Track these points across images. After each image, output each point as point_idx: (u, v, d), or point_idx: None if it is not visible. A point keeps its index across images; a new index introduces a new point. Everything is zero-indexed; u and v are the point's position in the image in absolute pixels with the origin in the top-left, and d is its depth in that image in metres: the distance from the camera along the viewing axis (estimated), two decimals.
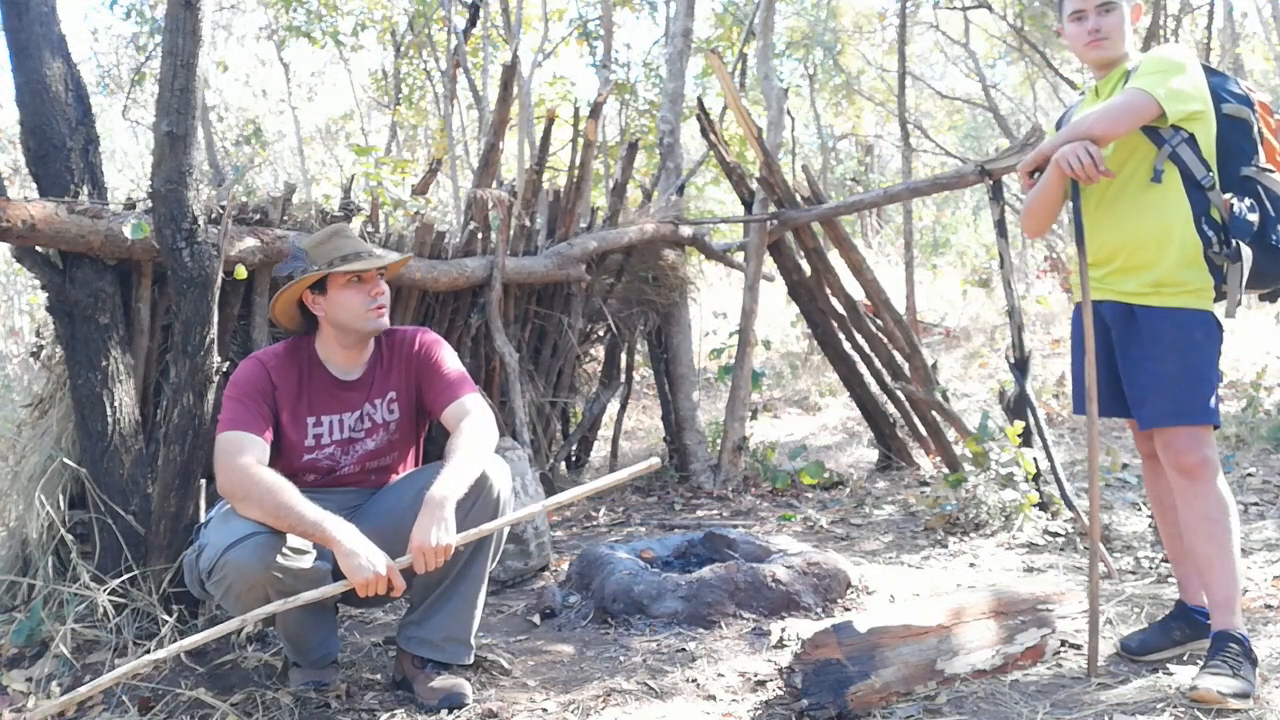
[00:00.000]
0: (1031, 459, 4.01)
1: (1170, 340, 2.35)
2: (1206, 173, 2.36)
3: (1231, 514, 2.35)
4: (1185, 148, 2.35)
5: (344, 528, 2.25)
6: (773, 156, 5.06)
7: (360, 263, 2.47)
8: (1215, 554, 2.33)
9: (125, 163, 14.41)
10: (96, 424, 2.83)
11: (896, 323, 5.16)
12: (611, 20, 9.93)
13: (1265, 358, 7.13)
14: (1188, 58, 2.36)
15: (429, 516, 2.26)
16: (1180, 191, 2.36)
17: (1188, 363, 2.34)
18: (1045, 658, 2.56)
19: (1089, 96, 2.57)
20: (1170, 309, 2.36)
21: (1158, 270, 2.36)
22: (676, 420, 5.40)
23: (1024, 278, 11.07)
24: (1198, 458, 2.34)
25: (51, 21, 2.85)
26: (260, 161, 13.33)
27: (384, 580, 2.21)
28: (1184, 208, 2.35)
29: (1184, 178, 2.36)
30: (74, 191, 2.80)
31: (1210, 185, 2.35)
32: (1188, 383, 2.33)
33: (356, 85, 15.73)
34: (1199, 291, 2.35)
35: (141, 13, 11.13)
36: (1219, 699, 2.17)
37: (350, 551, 2.20)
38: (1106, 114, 2.33)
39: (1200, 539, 2.35)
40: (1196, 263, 2.34)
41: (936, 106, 18.80)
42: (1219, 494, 2.34)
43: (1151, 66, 2.35)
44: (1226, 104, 2.41)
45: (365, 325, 2.50)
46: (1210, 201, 2.35)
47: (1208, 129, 2.37)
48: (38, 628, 2.80)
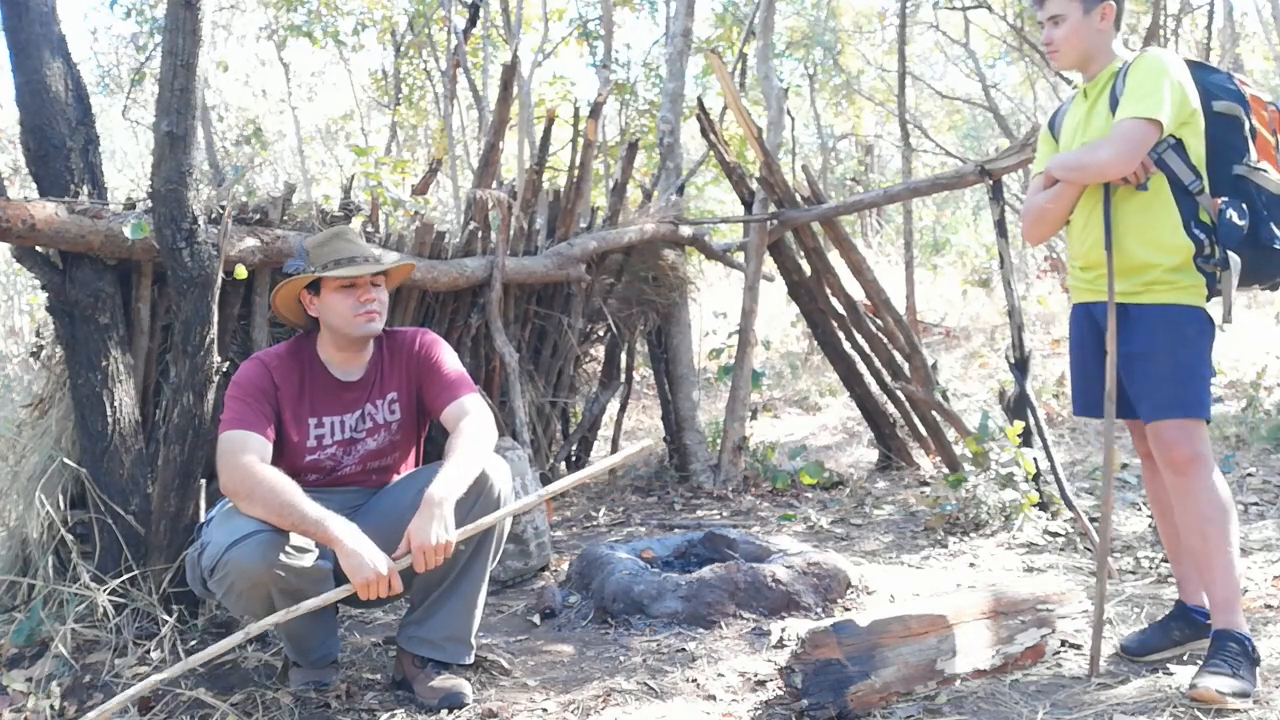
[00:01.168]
0: (1031, 459, 4.01)
1: (1162, 336, 2.36)
2: (1194, 179, 2.36)
3: (1229, 512, 2.34)
4: (1172, 154, 2.36)
5: (346, 527, 2.25)
6: (773, 156, 5.06)
7: (350, 268, 2.47)
8: (1213, 552, 2.32)
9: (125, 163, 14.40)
10: (96, 424, 2.83)
11: (896, 323, 5.16)
12: (611, 20, 9.93)
13: (1265, 358, 7.12)
14: (1170, 63, 2.35)
15: (428, 515, 2.26)
16: (1168, 198, 2.37)
17: (1179, 358, 2.35)
18: (1045, 658, 2.57)
19: (1078, 99, 2.57)
20: (1162, 305, 2.37)
21: (1148, 274, 2.38)
22: (676, 420, 5.40)
23: (1024, 278, 11.06)
24: (1189, 452, 2.34)
25: (51, 21, 2.85)
26: (260, 161, 13.32)
27: (385, 581, 2.21)
28: (1172, 214, 2.36)
29: (1171, 184, 2.37)
30: (74, 191, 2.80)
31: (1199, 190, 2.36)
32: (1179, 377, 2.35)
33: (356, 85, 15.74)
34: (1190, 288, 2.36)
35: (141, 12, 11.12)
36: (1218, 698, 2.18)
37: (352, 551, 2.20)
38: (1117, 158, 2.31)
39: (1196, 537, 2.35)
40: (1187, 265, 2.35)
41: (936, 106, 18.79)
42: (1214, 491, 2.34)
43: (1138, 85, 2.33)
44: (1218, 101, 2.39)
45: (353, 330, 2.51)
46: (1200, 205, 2.36)
47: (1196, 132, 2.36)
48: (38, 628, 2.80)
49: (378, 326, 2.54)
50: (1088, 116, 2.50)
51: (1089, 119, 2.49)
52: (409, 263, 2.75)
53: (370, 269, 2.49)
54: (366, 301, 2.49)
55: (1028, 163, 4.45)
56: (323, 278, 2.48)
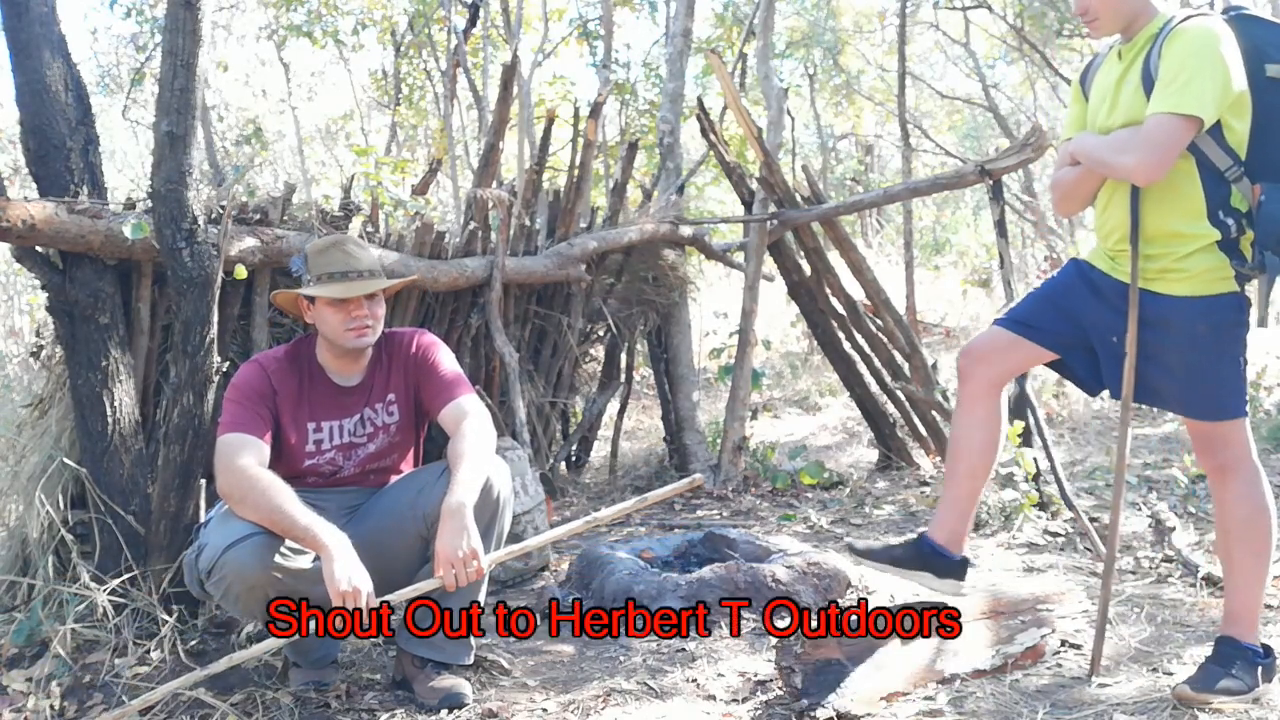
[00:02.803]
0: (1031, 459, 4.01)
1: (1177, 329, 2.23)
2: (1231, 163, 2.11)
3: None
4: (1205, 137, 2.10)
5: (334, 537, 2.23)
6: (773, 156, 5.06)
7: (338, 286, 2.45)
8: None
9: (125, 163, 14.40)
10: (96, 424, 2.83)
11: (896, 323, 5.15)
12: (611, 20, 9.92)
13: (1265, 358, 7.11)
14: (1218, 38, 2.05)
15: (452, 530, 2.25)
16: (1194, 181, 2.14)
17: (1188, 359, 2.25)
18: (1045, 658, 2.56)
19: (1112, 59, 2.29)
20: (1174, 297, 2.21)
21: (1163, 260, 2.21)
22: (676, 420, 5.40)
23: (1024, 278, 11.05)
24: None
25: (51, 21, 2.85)
26: (260, 161, 13.32)
27: (359, 594, 2.16)
28: (1196, 199, 2.14)
29: (1201, 166, 2.13)
30: (74, 191, 2.80)
31: (1236, 177, 2.11)
32: (1189, 377, 2.27)
33: (356, 85, 15.73)
34: (1204, 275, 2.17)
35: (141, 12, 11.12)
36: (1195, 697, 2.17)
37: (335, 560, 2.18)
38: (1144, 164, 2.07)
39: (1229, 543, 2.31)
40: (1209, 251, 2.14)
41: (936, 106, 18.79)
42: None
43: (1177, 70, 2.06)
44: (1272, 64, 2.09)
45: (344, 343, 2.51)
46: (1235, 190, 2.12)
47: (1241, 113, 2.11)
48: (38, 628, 2.80)
49: (369, 340, 2.52)
50: (1118, 84, 2.23)
51: (1119, 88, 2.23)
52: (397, 280, 2.74)
53: (357, 290, 2.46)
54: (358, 317, 2.48)
55: (1028, 163, 4.45)
56: (314, 290, 2.48)
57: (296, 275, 2.58)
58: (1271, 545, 2.26)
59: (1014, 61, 15.11)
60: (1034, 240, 13.22)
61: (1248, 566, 2.26)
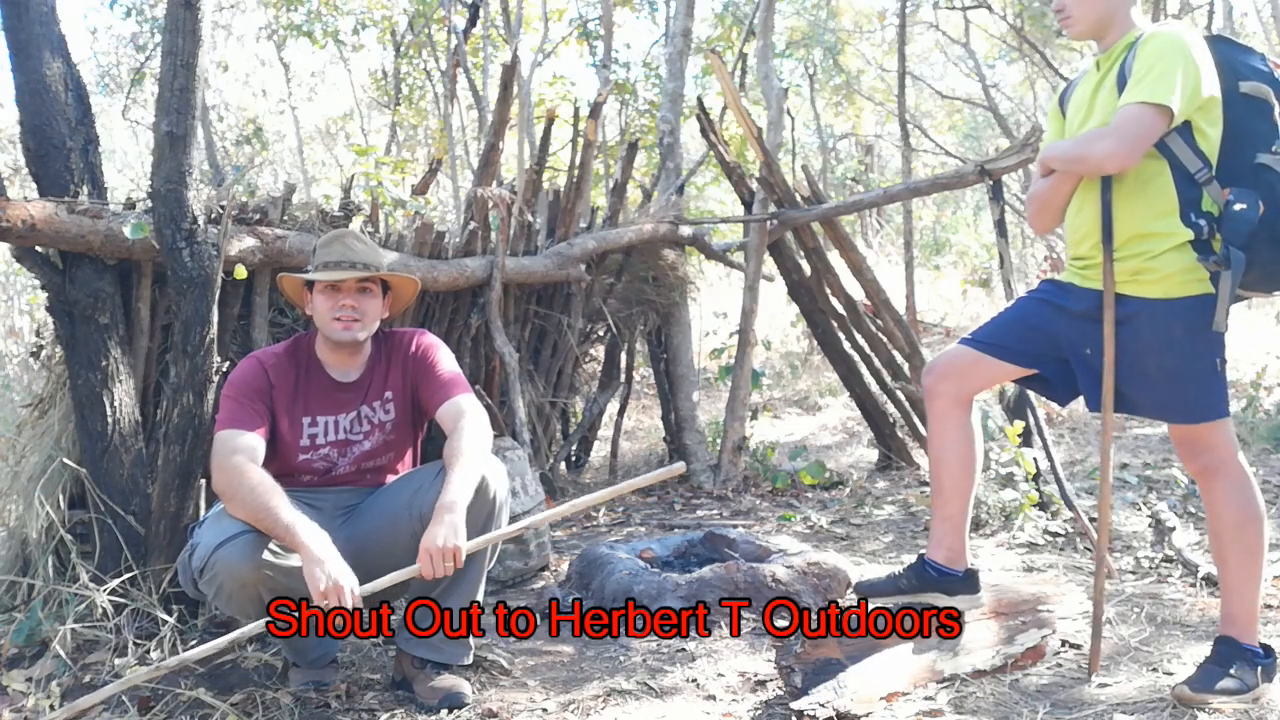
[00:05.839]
0: (1031, 459, 4.01)
1: (1154, 331, 2.23)
2: (1201, 166, 2.15)
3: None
4: (1176, 138, 2.15)
5: (315, 536, 2.22)
6: (773, 156, 5.06)
7: (325, 272, 2.49)
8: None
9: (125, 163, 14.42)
10: (96, 424, 2.83)
11: (896, 323, 5.15)
12: (611, 20, 9.91)
13: (1265, 358, 7.12)
14: (1188, 43, 2.13)
15: (438, 522, 2.26)
16: (1166, 181, 2.18)
17: (1162, 361, 2.24)
18: (1045, 658, 2.56)
19: (1090, 72, 2.35)
20: (1148, 299, 2.22)
21: (1130, 263, 2.22)
22: (676, 420, 5.39)
23: (1024, 277, 11.04)
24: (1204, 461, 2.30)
25: (51, 21, 2.85)
26: (260, 161, 13.32)
27: (341, 590, 2.15)
28: (1168, 199, 2.17)
29: (1172, 168, 2.17)
30: (74, 191, 2.80)
31: (1205, 180, 2.16)
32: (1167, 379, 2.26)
33: (356, 85, 15.72)
34: (1176, 276, 2.18)
35: (141, 12, 11.12)
36: (1194, 698, 2.17)
37: (315, 559, 2.17)
38: (1117, 151, 2.12)
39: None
40: (1181, 250, 2.16)
41: (936, 106, 18.79)
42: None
43: (1150, 65, 2.12)
44: (1245, 82, 2.17)
45: (329, 333, 2.53)
46: (1205, 193, 2.16)
47: (1212, 119, 2.16)
48: (37, 628, 2.80)
49: (355, 334, 2.52)
50: (1094, 93, 2.30)
51: (1095, 96, 2.29)
52: (409, 277, 2.73)
53: (344, 274, 2.48)
54: (344, 306, 2.49)
55: (1028, 163, 4.45)
56: (311, 277, 2.52)
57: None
58: (1264, 544, 2.27)
59: (1014, 61, 15.12)
60: (1034, 240, 13.21)
61: (1242, 566, 2.27)
